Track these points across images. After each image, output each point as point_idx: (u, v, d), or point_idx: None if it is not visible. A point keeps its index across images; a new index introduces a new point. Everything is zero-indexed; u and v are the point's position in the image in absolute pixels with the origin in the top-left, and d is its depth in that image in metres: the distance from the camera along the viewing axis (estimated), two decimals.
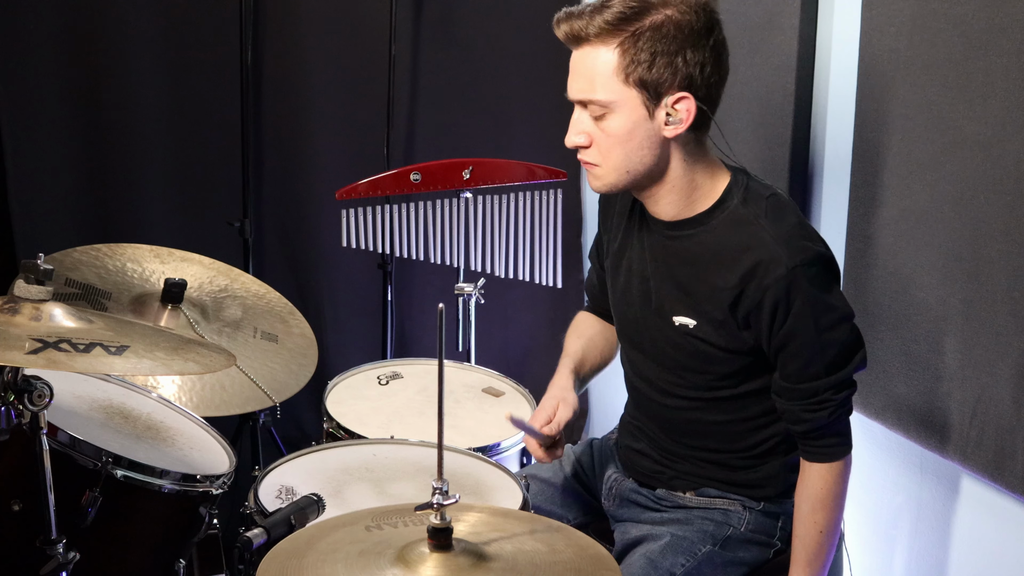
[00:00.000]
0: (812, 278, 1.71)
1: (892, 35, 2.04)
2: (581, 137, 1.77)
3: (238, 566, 1.53)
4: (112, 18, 2.82)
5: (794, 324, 1.71)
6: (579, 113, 1.77)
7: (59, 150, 2.85)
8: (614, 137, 1.73)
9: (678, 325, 1.82)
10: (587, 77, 1.72)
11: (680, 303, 1.82)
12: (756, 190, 1.79)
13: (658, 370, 1.91)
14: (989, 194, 1.85)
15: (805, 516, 1.81)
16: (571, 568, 1.32)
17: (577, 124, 1.77)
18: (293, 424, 3.11)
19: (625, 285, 1.93)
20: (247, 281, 2.47)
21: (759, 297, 1.71)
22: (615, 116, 1.72)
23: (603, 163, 1.76)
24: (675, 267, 1.82)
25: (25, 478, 1.63)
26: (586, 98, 1.74)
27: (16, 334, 1.52)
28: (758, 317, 1.73)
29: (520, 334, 3.39)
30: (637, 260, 1.90)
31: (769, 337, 1.74)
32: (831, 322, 1.73)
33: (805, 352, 1.73)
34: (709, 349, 1.80)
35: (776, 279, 1.69)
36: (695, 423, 1.90)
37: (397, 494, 1.91)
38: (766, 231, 1.72)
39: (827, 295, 1.73)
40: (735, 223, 1.76)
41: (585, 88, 1.73)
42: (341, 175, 2.90)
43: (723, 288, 1.75)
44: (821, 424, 1.77)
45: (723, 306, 1.75)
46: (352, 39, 3.05)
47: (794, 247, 1.71)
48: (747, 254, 1.72)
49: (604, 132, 1.74)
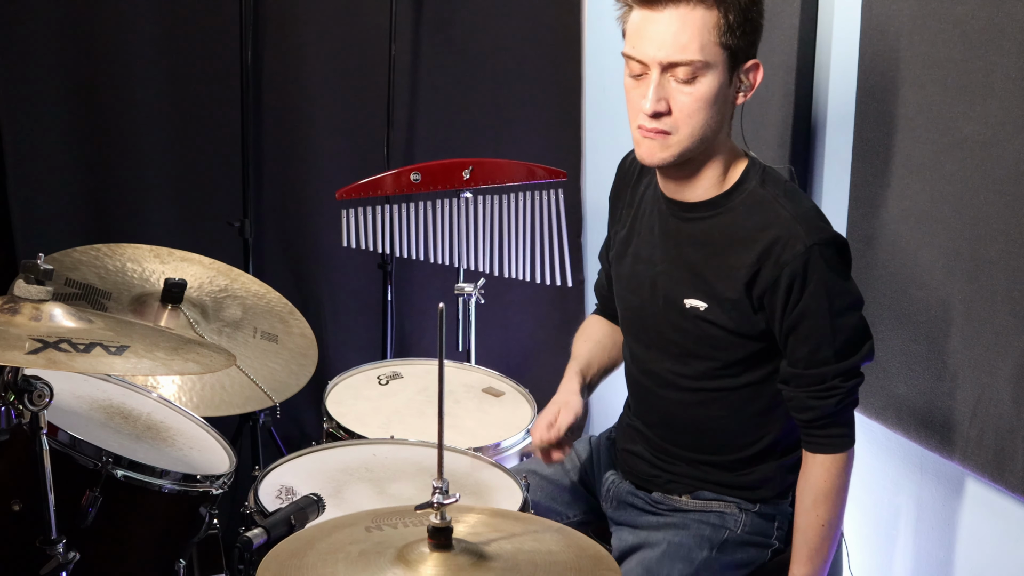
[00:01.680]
0: (829, 259, 1.71)
1: (892, 35, 2.04)
2: (663, 103, 1.70)
3: (238, 566, 1.53)
4: (112, 18, 2.81)
5: (808, 303, 1.71)
6: (660, 78, 1.68)
7: (59, 150, 2.85)
8: (701, 101, 1.69)
9: (688, 308, 1.81)
10: (685, 36, 1.65)
11: (691, 286, 1.81)
12: (773, 173, 1.81)
13: (661, 360, 1.90)
14: (989, 194, 1.85)
15: (808, 509, 1.81)
16: (571, 568, 1.32)
17: (660, 90, 1.69)
18: (293, 424, 3.11)
19: (631, 273, 1.93)
20: (247, 281, 2.47)
21: (776, 274, 1.71)
22: (706, 79, 1.68)
23: (679, 130, 1.71)
24: (688, 250, 1.82)
25: (25, 478, 1.63)
26: (683, 59, 1.66)
27: (16, 334, 1.52)
28: (773, 296, 1.73)
29: (520, 334, 3.39)
30: (646, 248, 1.89)
31: (782, 317, 1.74)
32: (844, 306, 1.73)
33: (816, 335, 1.73)
34: (718, 332, 1.80)
35: (794, 255, 1.70)
36: (695, 420, 1.90)
37: (397, 494, 1.91)
38: (785, 209, 1.73)
39: (841, 279, 1.74)
40: (754, 204, 1.76)
41: (682, 49, 1.66)
42: (341, 175, 2.90)
43: (739, 267, 1.75)
44: (828, 412, 1.76)
45: (739, 285, 1.75)
46: (352, 39, 3.05)
47: (812, 226, 1.72)
48: (765, 232, 1.73)
49: (691, 96, 1.68)
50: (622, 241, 1.96)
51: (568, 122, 3.28)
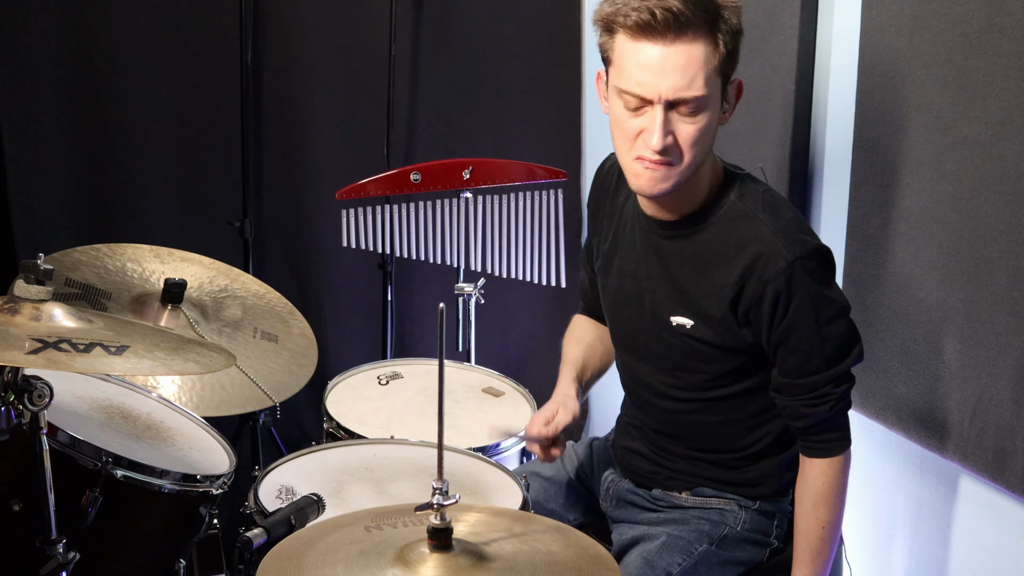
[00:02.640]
0: (811, 271, 1.71)
1: (892, 35, 2.04)
2: (671, 138, 1.66)
3: (238, 566, 1.53)
4: (112, 18, 2.81)
5: (794, 318, 1.71)
6: (665, 113, 1.64)
7: (59, 150, 2.85)
8: (702, 132, 1.66)
9: (675, 325, 1.82)
10: (692, 72, 1.61)
11: (677, 303, 1.82)
12: (750, 184, 1.79)
13: (653, 373, 1.91)
14: (989, 194, 1.85)
15: (807, 512, 1.81)
16: (571, 568, 1.32)
17: (667, 125, 1.64)
18: (293, 424, 3.11)
19: (617, 288, 1.93)
20: (247, 281, 2.47)
21: (760, 291, 1.71)
22: (708, 111, 1.66)
23: (683, 160, 1.68)
24: (672, 267, 1.82)
25: (25, 478, 1.63)
26: (690, 96, 1.63)
27: (16, 334, 1.52)
28: (758, 312, 1.73)
29: (520, 334, 3.39)
30: (630, 262, 1.89)
31: (769, 332, 1.74)
32: (830, 315, 1.73)
33: (805, 346, 1.73)
34: (706, 348, 1.80)
35: (776, 272, 1.69)
36: (692, 425, 1.90)
37: (397, 494, 1.91)
38: (765, 225, 1.72)
39: (826, 289, 1.74)
40: (734, 218, 1.75)
41: (689, 85, 1.62)
42: (341, 175, 2.90)
43: (723, 285, 1.75)
44: (822, 419, 1.77)
45: (723, 304, 1.75)
46: (352, 39, 3.05)
47: (793, 240, 1.71)
48: (746, 249, 1.72)
49: (694, 127, 1.65)
50: (606, 254, 1.95)
51: (568, 122, 3.28)
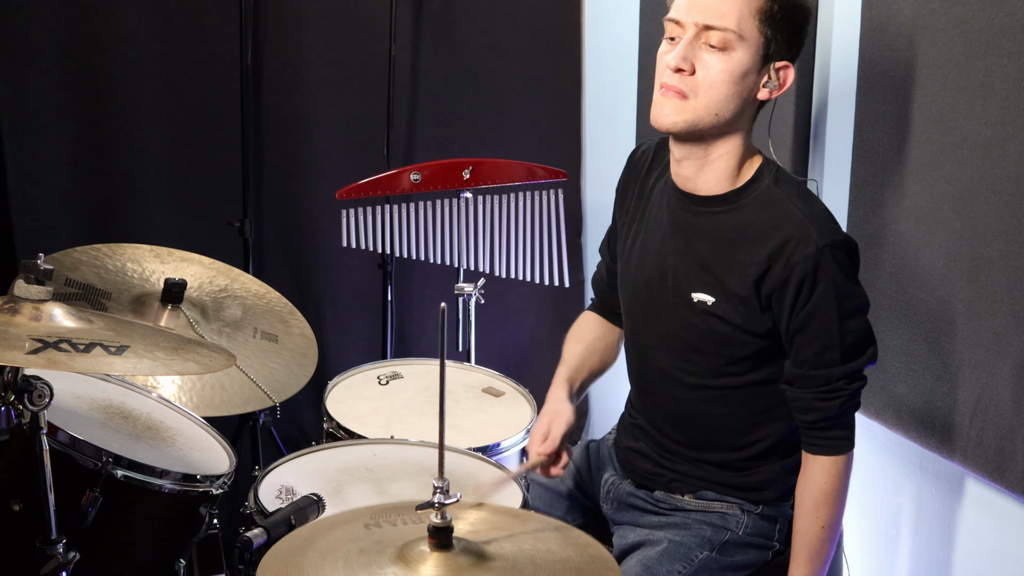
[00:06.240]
0: (840, 261, 1.71)
1: (892, 35, 2.04)
2: (687, 63, 1.70)
3: (238, 566, 1.53)
4: (112, 18, 2.81)
5: (817, 304, 1.72)
6: (693, 39, 1.69)
7: (59, 150, 2.85)
8: (725, 73, 1.70)
9: (696, 302, 1.81)
10: (727, 6, 1.67)
11: (700, 280, 1.81)
12: (786, 173, 1.81)
13: (666, 356, 1.90)
14: (989, 194, 1.85)
15: (808, 511, 1.81)
16: (571, 567, 1.32)
17: (688, 49, 1.69)
18: (293, 424, 3.11)
19: (638, 264, 1.92)
20: (247, 281, 2.47)
21: (786, 274, 1.72)
22: (737, 53, 1.69)
23: (697, 96, 1.71)
24: (699, 244, 1.82)
25: (25, 478, 1.63)
26: (719, 24, 1.68)
27: (16, 334, 1.52)
28: (782, 295, 1.73)
29: (520, 334, 3.39)
30: (655, 239, 1.89)
31: (790, 318, 1.74)
32: (852, 309, 1.74)
33: (823, 336, 1.73)
34: (724, 328, 1.80)
35: (805, 256, 1.70)
36: (695, 416, 1.90)
37: (397, 494, 1.91)
38: (798, 209, 1.73)
39: (851, 282, 1.74)
40: (766, 203, 1.77)
41: (721, 15, 1.67)
42: (341, 175, 2.90)
43: (749, 264, 1.75)
44: (831, 414, 1.77)
45: (748, 283, 1.75)
46: (352, 39, 3.05)
47: (825, 228, 1.72)
48: (776, 231, 1.73)
49: (718, 63, 1.69)
50: (631, 233, 1.96)
51: (568, 122, 3.28)
